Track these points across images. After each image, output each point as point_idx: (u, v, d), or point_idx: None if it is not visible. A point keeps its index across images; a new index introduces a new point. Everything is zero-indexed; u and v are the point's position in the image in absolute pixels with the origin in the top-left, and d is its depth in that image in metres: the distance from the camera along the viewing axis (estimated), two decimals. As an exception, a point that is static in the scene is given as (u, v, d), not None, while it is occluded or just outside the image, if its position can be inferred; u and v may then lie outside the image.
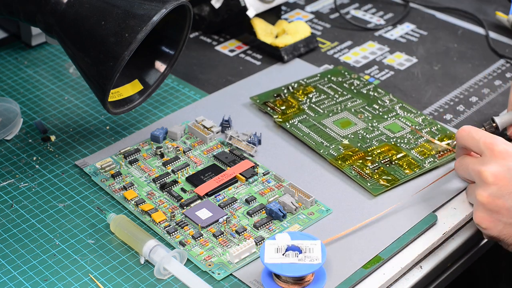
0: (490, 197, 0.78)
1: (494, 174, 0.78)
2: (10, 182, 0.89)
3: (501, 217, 0.78)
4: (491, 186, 0.78)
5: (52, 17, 0.82)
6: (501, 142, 0.80)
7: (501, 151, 0.79)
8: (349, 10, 1.24)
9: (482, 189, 0.79)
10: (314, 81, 1.04)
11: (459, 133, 0.84)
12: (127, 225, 0.81)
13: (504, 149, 0.79)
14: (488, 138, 0.81)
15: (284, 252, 0.75)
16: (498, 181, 0.78)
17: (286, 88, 1.03)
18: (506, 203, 0.78)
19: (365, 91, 1.02)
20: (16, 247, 0.81)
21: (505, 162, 0.78)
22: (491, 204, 0.78)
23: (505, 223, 0.79)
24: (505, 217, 0.78)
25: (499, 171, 0.78)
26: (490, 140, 0.80)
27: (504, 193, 0.78)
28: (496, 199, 0.78)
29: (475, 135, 0.82)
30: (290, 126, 0.96)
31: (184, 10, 0.86)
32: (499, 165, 0.78)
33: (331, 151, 0.92)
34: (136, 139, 0.95)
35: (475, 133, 0.82)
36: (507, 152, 0.79)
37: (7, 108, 0.99)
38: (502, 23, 1.18)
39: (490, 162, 0.79)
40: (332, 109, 0.99)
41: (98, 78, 0.81)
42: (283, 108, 0.99)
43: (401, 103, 1.00)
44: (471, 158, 0.83)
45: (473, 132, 0.82)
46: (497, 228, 0.79)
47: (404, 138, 0.94)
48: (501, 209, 0.78)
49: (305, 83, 1.04)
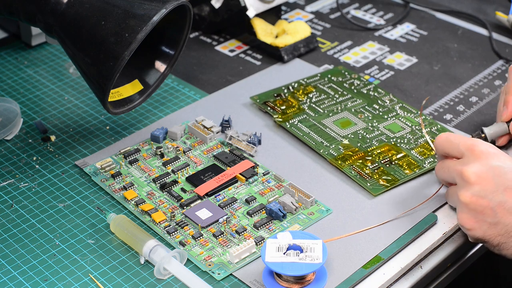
0: (474, 197, 0.77)
1: (476, 173, 0.77)
2: (10, 182, 0.89)
3: (486, 217, 0.77)
4: (474, 186, 0.77)
5: (52, 17, 0.82)
6: (481, 143, 0.79)
7: (482, 151, 0.78)
8: (349, 10, 1.24)
9: (465, 189, 0.78)
10: (314, 81, 1.04)
11: (437, 141, 0.83)
12: (127, 225, 0.81)
13: (485, 149, 0.79)
14: (468, 140, 0.80)
15: (285, 251, 0.75)
16: (481, 180, 0.77)
17: (286, 88, 1.03)
18: (490, 203, 0.77)
19: (365, 91, 1.02)
20: (16, 247, 0.81)
21: (487, 161, 0.78)
22: (475, 204, 0.77)
23: (490, 223, 0.77)
24: (489, 217, 0.77)
25: (481, 170, 0.77)
26: (470, 141, 0.80)
27: (488, 192, 0.77)
28: (479, 199, 0.77)
29: (453, 139, 0.81)
30: (290, 126, 0.96)
31: (184, 10, 0.86)
32: (481, 164, 0.77)
33: (331, 151, 0.92)
34: (136, 139, 0.95)
35: (453, 137, 0.81)
36: (488, 151, 0.78)
37: (7, 108, 0.99)
38: (502, 23, 1.18)
39: (471, 162, 0.78)
40: (332, 109, 0.99)
41: (98, 78, 0.81)
42: (283, 107, 0.99)
43: (401, 103, 1.00)
44: (452, 160, 0.81)
45: (451, 137, 0.82)
46: (482, 228, 0.78)
47: (404, 138, 0.94)
48: (485, 208, 0.77)
49: (305, 83, 1.04)
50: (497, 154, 0.79)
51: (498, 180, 0.77)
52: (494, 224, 0.77)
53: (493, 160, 0.78)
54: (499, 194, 0.76)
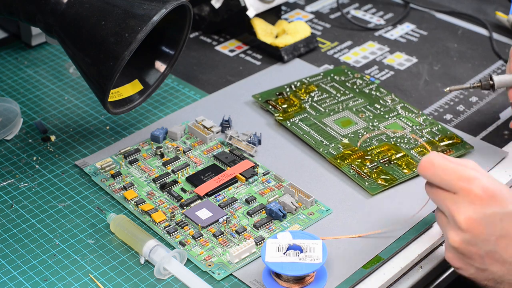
0: (463, 243, 0.73)
1: (468, 220, 0.72)
2: (10, 182, 0.89)
3: (474, 262, 0.74)
4: (465, 233, 0.73)
5: (52, 17, 0.82)
6: (477, 185, 0.73)
7: (477, 195, 0.72)
8: (349, 10, 1.24)
9: (455, 233, 0.73)
10: (316, 80, 1.04)
11: (422, 170, 0.76)
12: (127, 225, 0.81)
13: (482, 191, 0.72)
14: (462, 180, 0.73)
15: (285, 251, 0.75)
16: (472, 228, 0.72)
17: (288, 87, 1.03)
18: (480, 251, 0.73)
19: (367, 91, 1.02)
20: (16, 247, 0.81)
21: (481, 208, 0.72)
22: (464, 249, 0.73)
23: (478, 268, 0.74)
24: (477, 263, 0.73)
25: (474, 218, 0.72)
26: (465, 183, 0.73)
27: (478, 240, 0.72)
28: (469, 246, 0.73)
29: (444, 175, 0.74)
30: (291, 124, 0.96)
31: (184, 10, 0.86)
32: (474, 211, 0.72)
33: (331, 150, 0.92)
34: (136, 139, 0.95)
35: (443, 172, 0.74)
36: (484, 196, 0.72)
37: (7, 108, 0.99)
38: (502, 23, 1.18)
39: (465, 205, 0.73)
40: (333, 108, 0.99)
41: (98, 78, 0.81)
42: (284, 106, 0.99)
43: (402, 103, 1.00)
44: (443, 192, 0.75)
45: (439, 170, 0.75)
46: (469, 271, 0.75)
47: (404, 138, 0.94)
48: (474, 255, 0.73)
49: (307, 82, 1.04)
50: (494, 196, 0.73)
51: (491, 229, 0.72)
52: (482, 270, 0.74)
53: (488, 207, 0.72)
54: (490, 244, 0.72)
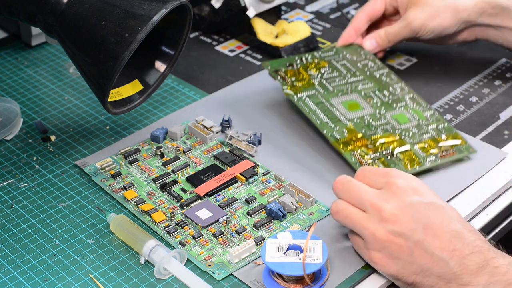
0: (391, 235, 0.73)
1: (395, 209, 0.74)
2: (10, 182, 0.89)
3: (402, 255, 0.74)
4: (393, 224, 0.73)
5: (52, 17, 0.82)
6: (401, 180, 0.75)
7: (401, 187, 0.75)
8: (349, 10, 1.24)
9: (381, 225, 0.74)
10: (328, 56, 1.03)
11: (337, 189, 0.78)
12: (127, 225, 0.81)
13: (405, 184, 0.75)
14: (386, 177, 0.76)
15: (285, 251, 0.75)
16: (400, 217, 0.73)
17: (299, 59, 1.02)
18: (408, 242, 0.73)
19: (378, 75, 1.01)
20: (16, 247, 0.81)
21: (406, 197, 0.74)
22: (392, 241, 0.73)
23: (405, 261, 0.73)
24: (405, 255, 0.73)
25: (400, 206, 0.74)
26: (390, 178, 0.76)
27: (406, 230, 0.73)
28: (397, 237, 0.73)
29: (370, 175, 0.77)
30: (298, 100, 0.95)
31: (184, 10, 0.86)
32: (400, 200, 0.74)
33: (335, 133, 0.91)
34: (136, 139, 0.95)
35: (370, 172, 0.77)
36: (407, 188, 0.75)
37: (7, 108, 0.99)
38: (502, 23, 1.18)
39: (390, 196, 0.74)
40: (342, 88, 0.98)
41: (98, 78, 0.81)
42: (293, 79, 0.98)
43: (412, 93, 0.99)
44: (355, 210, 0.76)
45: (352, 190, 0.77)
46: (396, 266, 0.74)
47: (409, 131, 0.93)
48: (403, 247, 0.73)
49: (319, 57, 1.03)
50: (416, 189, 0.75)
51: (417, 216, 0.73)
52: (410, 263, 0.73)
53: (412, 196, 0.74)
54: (418, 233, 0.73)
